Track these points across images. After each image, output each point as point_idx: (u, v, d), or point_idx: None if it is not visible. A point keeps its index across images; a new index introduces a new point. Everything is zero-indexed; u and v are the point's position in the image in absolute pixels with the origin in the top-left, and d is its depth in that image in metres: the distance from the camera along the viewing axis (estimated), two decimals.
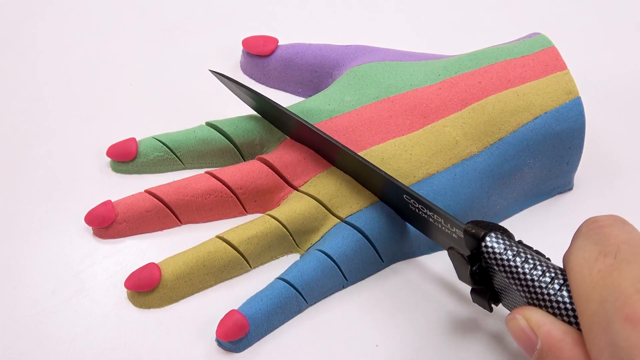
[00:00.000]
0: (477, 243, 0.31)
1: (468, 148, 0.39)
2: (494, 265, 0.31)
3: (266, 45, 0.48)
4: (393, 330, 0.35)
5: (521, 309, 0.30)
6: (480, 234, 0.31)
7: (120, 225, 0.38)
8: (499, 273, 0.31)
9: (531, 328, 0.29)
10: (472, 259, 0.32)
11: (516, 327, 0.29)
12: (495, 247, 0.31)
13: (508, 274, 0.30)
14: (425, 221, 0.35)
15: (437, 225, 0.34)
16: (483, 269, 0.32)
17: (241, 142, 0.41)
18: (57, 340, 0.34)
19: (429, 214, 0.34)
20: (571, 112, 0.39)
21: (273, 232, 0.37)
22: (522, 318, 0.29)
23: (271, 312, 0.34)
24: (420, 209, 0.35)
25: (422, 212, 0.35)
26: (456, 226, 0.33)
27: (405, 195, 0.35)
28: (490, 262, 0.31)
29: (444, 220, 0.33)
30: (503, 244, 0.31)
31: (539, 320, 0.29)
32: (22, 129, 0.45)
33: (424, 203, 0.34)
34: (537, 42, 0.41)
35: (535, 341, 0.29)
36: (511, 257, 0.30)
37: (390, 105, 0.41)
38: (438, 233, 0.35)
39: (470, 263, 0.32)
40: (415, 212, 0.35)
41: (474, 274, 0.32)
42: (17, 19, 0.54)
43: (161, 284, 0.36)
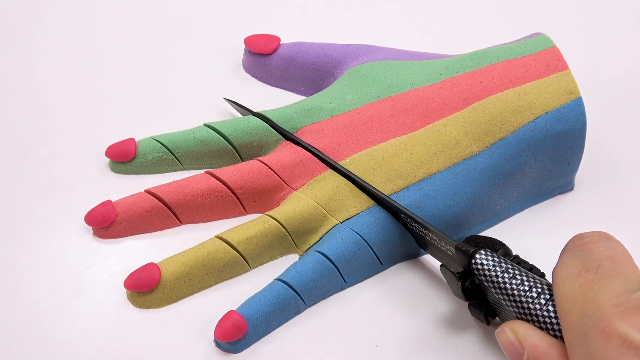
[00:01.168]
0: (468, 260, 0.33)
1: (469, 148, 0.39)
2: (484, 281, 0.32)
3: (268, 44, 0.48)
4: (393, 330, 0.35)
5: (509, 323, 0.31)
6: (470, 251, 0.33)
7: (120, 225, 0.38)
8: (489, 289, 0.32)
9: (518, 340, 0.30)
10: (465, 275, 0.33)
11: (504, 339, 0.31)
12: (485, 264, 0.32)
13: (497, 290, 0.32)
14: (422, 238, 0.37)
15: (432, 242, 0.36)
16: (476, 284, 0.33)
17: (239, 143, 0.41)
18: (57, 340, 0.34)
19: (424, 232, 0.36)
20: (572, 112, 0.39)
21: (272, 233, 0.37)
22: (510, 331, 0.31)
23: (270, 313, 0.34)
24: (417, 227, 0.36)
25: (418, 230, 0.36)
26: (449, 243, 0.34)
27: (402, 215, 0.37)
28: (481, 279, 0.32)
29: (439, 238, 0.35)
30: (492, 260, 0.32)
31: (526, 333, 0.30)
32: (22, 129, 0.45)
33: (420, 222, 0.36)
34: (538, 42, 0.41)
35: (522, 352, 0.30)
36: (499, 273, 0.32)
37: (392, 104, 0.40)
38: (434, 249, 0.36)
39: (462, 279, 0.33)
40: (413, 231, 0.37)
41: (465, 289, 0.33)
42: (17, 19, 0.54)
43: (161, 284, 0.36)
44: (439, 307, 0.36)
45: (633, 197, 0.42)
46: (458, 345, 0.35)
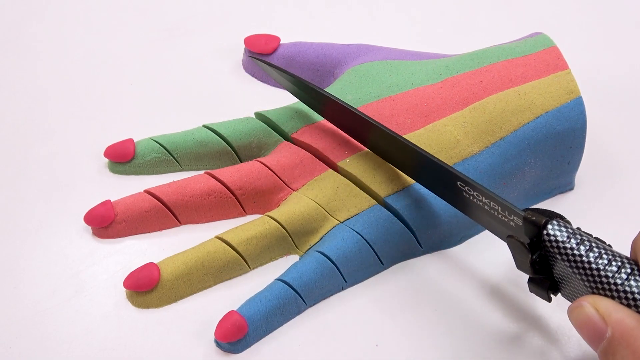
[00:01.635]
0: (537, 231, 0.30)
1: (469, 147, 0.39)
2: (557, 254, 0.30)
3: (268, 43, 0.48)
4: (393, 330, 0.35)
5: (588, 297, 0.29)
6: (541, 221, 0.30)
7: (119, 225, 0.38)
8: (561, 262, 0.30)
9: (600, 316, 0.28)
10: (532, 247, 0.31)
11: (582, 315, 0.28)
12: (558, 235, 0.30)
13: (572, 263, 0.29)
14: (480, 209, 0.34)
15: (492, 213, 0.33)
16: (543, 257, 0.31)
17: (238, 144, 0.41)
18: (57, 340, 0.34)
19: (485, 201, 0.33)
20: (572, 112, 0.39)
21: (272, 233, 0.37)
22: (589, 306, 0.28)
23: (270, 313, 0.34)
24: (476, 196, 0.33)
25: (477, 200, 0.33)
26: (515, 214, 0.31)
27: (460, 182, 0.34)
28: (552, 251, 0.30)
29: (502, 208, 0.32)
30: (566, 231, 0.30)
31: (609, 307, 0.28)
32: (22, 129, 0.45)
33: (481, 190, 0.33)
34: (538, 41, 0.41)
35: (605, 329, 0.28)
36: (575, 245, 0.29)
37: (392, 104, 0.40)
38: (493, 221, 0.33)
39: (531, 252, 0.31)
40: (468, 199, 0.34)
41: (534, 262, 0.31)
42: (17, 19, 0.54)
43: (160, 284, 0.36)
44: (439, 307, 0.36)
45: (633, 197, 0.42)
46: (458, 345, 0.35)
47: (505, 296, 0.37)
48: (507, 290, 0.37)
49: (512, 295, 0.37)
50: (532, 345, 0.35)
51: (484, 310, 0.36)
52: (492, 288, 0.37)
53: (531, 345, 0.35)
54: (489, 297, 0.37)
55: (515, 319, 0.36)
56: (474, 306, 0.36)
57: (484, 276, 0.38)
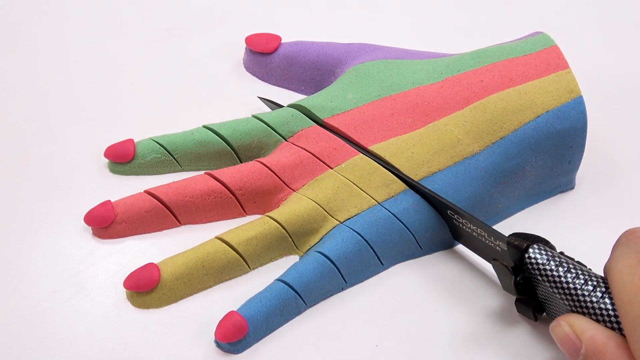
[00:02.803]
0: (520, 254, 0.33)
1: (470, 146, 0.38)
2: (537, 275, 0.32)
3: (269, 43, 0.48)
4: (393, 330, 0.35)
5: (565, 316, 0.31)
6: (523, 245, 0.33)
7: (119, 226, 0.38)
8: (542, 283, 0.32)
9: (575, 334, 0.30)
10: (516, 270, 0.33)
11: (560, 333, 0.31)
12: (539, 258, 0.32)
13: (551, 284, 0.31)
14: (468, 234, 0.36)
15: (480, 238, 0.36)
16: (527, 279, 0.33)
17: (238, 145, 0.41)
18: (57, 340, 0.34)
19: (472, 227, 0.36)
20: (573, 111, 0.39)
21: (272, 234, 0.37)
22: (566, 324, 0.31)
23: (270, 313, 0.34)
24: (464, 223, 0.36)
25: (465, 227, 0.36)
26: (499, 239, 0.34)
27: (449, 210, 0.37)
28: (534, 273, 0.32)
29: (488, 234, 0.35)
30: (546, 254, 0.32)
31: (583, 326, 0.30)
32: (22, 129, 0.45)
33: (468, 218, 0.36)
34: (539, 41, 0.41)
35: (580, 346, 0.30)
36: (554, 267, 0.32)
37: (392, 103, 0.40)
38: (481, 246, 0.36)
39: (514, 274, 0.33)
40: (457, 226, 0.37)
41: (517, 284, 0.33)
42: (17, 19, 0.54)
43: (160, 285, 0.36)
44: (439, 308, 0.36)
45: (634, 196, 0.42)
46: (458, 346, 0.35)
47: (505, 296, 0.36)
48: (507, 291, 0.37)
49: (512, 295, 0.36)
50: (532, 345, 0.35)
51: (483, 311, 0.36)
52: (492, 288, 0.37)
53: (531, 345, 0.35)
54: (489, 297, 0.36)
55: (515, 318, 0.36)
56: (474, 306, 0.36)
57: (484, 276, 0.37)
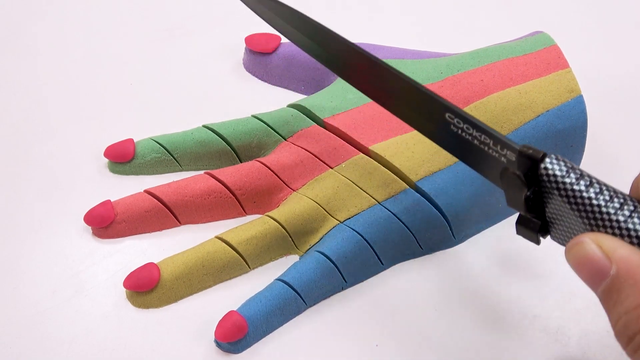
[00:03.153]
0: (533, 166, 0.28)
1: None
2: (554, 189, 0.28)
3: (269, 42, 0.48)
4: (393, 330, 0.35)
5: (590, 234, 0.26)
6: (538, 155, 0.28)
7: (119, 226, 0.38)
8: (558, 198, 0.28)
9: (603, 253, 0.26)
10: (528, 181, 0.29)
11: (582, 252, 0.26)
12: (557, 169, 0.28)
13: (570, 199, 0.27)
14: (469, 144, 0.31)
15: (482, 148, 0.30)
16: (537, 194, 0.28)
17: (238, 144, 0.41)
18: (57, 340, 0.34)
19: (475, 134, 0.30)
20: (573, 111, 0.39)
21: (272, 233, 0.37)
22: (591, 242, 0.26)
23: (270, 313, 0.34)
24: (465, 129, 0.31)
25: (466, 134, 0.31)
26: (508, 147, 0.29)
27: (449, 113, 0.31)
28: (550, 186, 0.28)
29: (494, 142, 0.30)
30: (565, 165, 0.28)
31: (613, 244, 0.26)
32: (22, 129, 0.45)
33: (471, 122, 0.30)
34: (539, 40, 0.41)
35: (608, 267, 0.26)
36: (574, 180, 0.27)
37: None
38: (483, 157, 0.31)
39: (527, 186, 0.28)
40: (457, 135, 0.31)
41: (528, 198, 0.29)
42: (17, 19, 0.54)
43: (160, 284, 0.36)
44: (439, 307, 0.36)
45: None
46: (458, 345, 0.34)
47: (505, 296, 0.36)
48: (507, 291, 0.37)
49: (512, 295, 0.36)
50: (532, 345, 0.35)
51: (483, 311, 0.36)
52: (492, 288, 0.37)
53: (531, 345, 0.34)
54: (489, 297, 0.36)
55: (515, 318, 0.36)
56: (474, 306, 0.36)
57: (484, 276, 0.37)
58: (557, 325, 0.35)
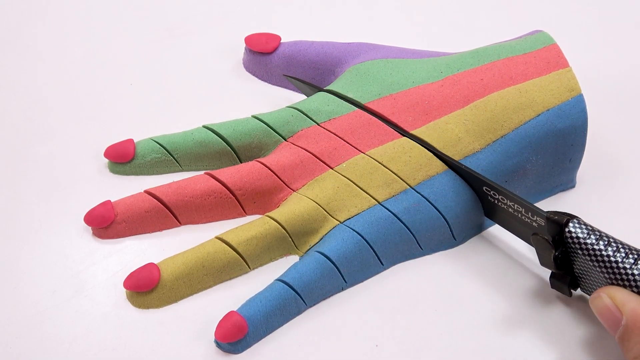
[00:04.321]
0: (559, 229, 0.33)
1: (470, 145, 0.38)
2: (578, 249, 0.32)
3: (269, 42, 0.48)
4: (393, 330, 0.35)
5: (605, 288, 0.31)
6: (563, 220, 0.33)
7: (119, 226, 0.38)
8: (581, 257, 0.32)
9: (616, 305, 0.31)
10: (555, 244, 0.33)
11: (601, 305, 0.31)
12: (579, 232, 0.33)
13: (592, 257, 0.32)
14: (504, 212, 0.36)
15: (516, 215, 0.36)
16: (564, 254, 0.33)
17: (238, 145, 0.41)
18: (57, 340, 0.34)
19: (509, 204, 0.36)
20: (573, 110, 0.39)
21: (272, 234, 0.37)
22: (606, 296, 0.31)
23: (270, 313, 0.34)
24: (501, 200, 0.36)
25: (501, 203, 0.36)
26: (538, 214, 0.34)
27: (485, 187, 0.37)
28: (574, 247, 0.33)
29: (525, 210, 0.35)
30: (586, 228, 0.33)
31: (624, 298, 0.31)
32: (21, 129, 0.45)
33: (505, 194, 0.36)
34: (539, 39, 0.41)
35: (620, 317, 0.31)
36: (594, 240, 0.32)
37: (393, 102, 0.40)
38: (517, 223, 0.36)
39: (555, 247, 0.33)
40: (493, 203, 0.37)
41: (556, 258, 0.33)
42: (17, 19, 0.54)
43: (160, 284, 0.36)
44: (439, 307, 0.36)
45: (635, 195, 0.42)
46: (458, 345, 0.34)
47: (505, 297, 0.36)
48: (507, 291, 0.37)
49: (512, 295, 0.36)
50: (532, 345, 0.34)
51: (483, 311, 0.36)
52: (492, 288, 0.37)
53: (531, 345, 0.34)
54: (489, 298, 0.36)
55: (515, 318, 0.36)
56: (474, 306, 0.36)
57: (484, 276, 0.37)
58: (557, 325, 0.35)
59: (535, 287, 0.37)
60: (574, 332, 0.35)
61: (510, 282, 0.37)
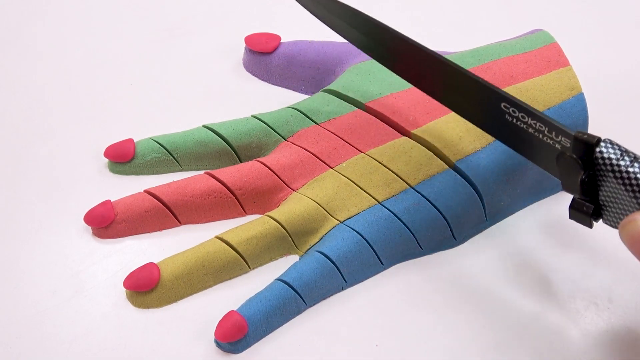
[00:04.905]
0: (588, 150, 0.30)
1: (471, 144, 0.39)
2: (609, 172, 0.30)
3: (269, 42, 0.48)
4: (393, 330, 0.35)
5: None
6: (593, 140, 0.30)
7: (119, 226, 0.38)
8: (611, 180, 0.30)
9: None
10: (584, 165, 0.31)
11: (635, 229, 0.28)
12: (612, 153, 0.30)
13: (625, 180, 0.29)
14: (524, 132, 0.33)
15: (537, 135, 0.32)
16: (591, 178, 0.31)
17: (238, 144, 0.41)
18: (57, 340, 0.34)
19: (530, 122, 0.32)
20: (574, 108, 0.39)
21: (272, 233, 0.37)
22: None
23: (270, 313, 0.34)
24: (521, 117, 0.32)
25: (521, 122, 0.32)
26: (564, 133, 0.31)
27: (505, 103, 0.33)
28: (605, 169, 0.30)
29: (549, 128, 0.31)
30: (619, 149, 0.30)
31: None
32: (21, 129, 0.45)
33: (527, 110, 0.32)
34: (539, 38, 0.41)
35: None
36: (628, 162, 0.30)
37: (394, 101, 0.41)
38: (538, 144, 0.32)
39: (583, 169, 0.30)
40: (511, 124, 0.33)
41: (583, 182, 0.30)
42: (17, 19, 0.54)
43: (160, 284, 0.35)
44: (438, 308, 0.36)
45: None
46: (458, 345, 0.34)
47: (504, 296, 0.36)
48: (507, 291, 0.37)
49: (512, 295, 0.36)
50: (532, 345, 0.34)
51: (483, 311, 0.36)
52: (492, 288, 0.37)
53: (531, 345, 0.34)
54: (489, 298, 0.36)
55: (514, 319, 0.35)
56: (474, 306, 0.36)
57: (484, 276, 0.37)
58: (557, 325, 0.35)
59: (535, 287, 0.37)
60: (572, 331, 0.35)
61: (510, 283, 0.37)
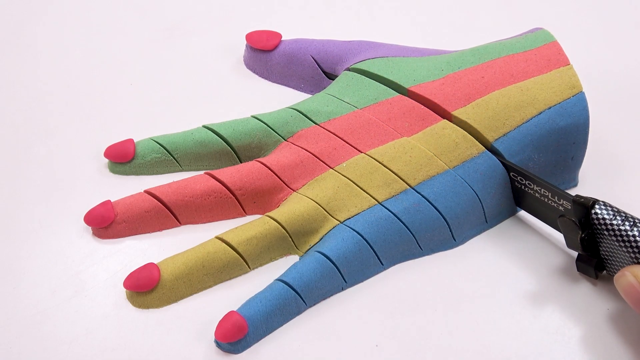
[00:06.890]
0: (585, 212, 0.34)
1: (468, 150, 0.39)
2: (604, 230, 0.34)
3: (269, 40, 0.48)
4: (393, 330, 0.35)
5: (629, 267, 0.33)
6: (589, 202, 0.34)
7: (119, 226, 0.38)
8: (607, 238, 0.34)
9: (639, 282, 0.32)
10: (582, 226, 0.35)
11: (625, 282, 0.33)
12: (605, 214, 0.34)
13: (618, 237, 0.33)
14: (531, 196, 0.38)
15: (543, 200, 0.37)
16: (591, 236, 0.34)
17: (238, 145, 0.41)
18: (57, 340, 0.34)
19: (536, 189, 0.37)
20: (575, 107, 0.39)
21: (272, 233, 0.37)
22: (630, 274, 0.33)
23: (270, 313, 0.34)
24: (527, 185, 0.37)
25: (528, 189, 0.37)
26: (564, 198, 0.35)
27: (513, 173, 0.38)
28: (600, 228, 0.34)
29: (552, 194, 0.36)
30: (612, 210, 0.34)
31: None
32: (21, 129, 0.45)
33: (532, 179, 0.37)
34: (539, 37, 0.41)
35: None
36: (620, 222, 0.33)
37: (389, 107, 0.41)
38: (543, 207, 0.37)
39: (582, 229, 0.34)
40: (520, 189, 0.38)
41: (583, 239, 0.34)
42: (17, 19, 0.54)
43: (160, 284, 0.35)
44: (438, 308, 0.36)
45: (637, 192, 0.41)
46: (458, 345, 0.34)
47: (504, 296, 0.36)
48: (507, 291, 0.37)
49: (512, 295, 0.36)
50: (532, 345, 0.34)
51: (483, 311, 0.36)
52: (492, 289, 0.37)
53: (531, 345, 0.34)
54: (489, 298, 0.36)
55: (514, 319, 0.35)
56: (474, 306, 0.36)
57: (484, 277, 0.37)
58: (557, 325, 0.35)
59: (535, 287, 0.37)
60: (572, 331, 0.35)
61: (510, 283, 0.37)
